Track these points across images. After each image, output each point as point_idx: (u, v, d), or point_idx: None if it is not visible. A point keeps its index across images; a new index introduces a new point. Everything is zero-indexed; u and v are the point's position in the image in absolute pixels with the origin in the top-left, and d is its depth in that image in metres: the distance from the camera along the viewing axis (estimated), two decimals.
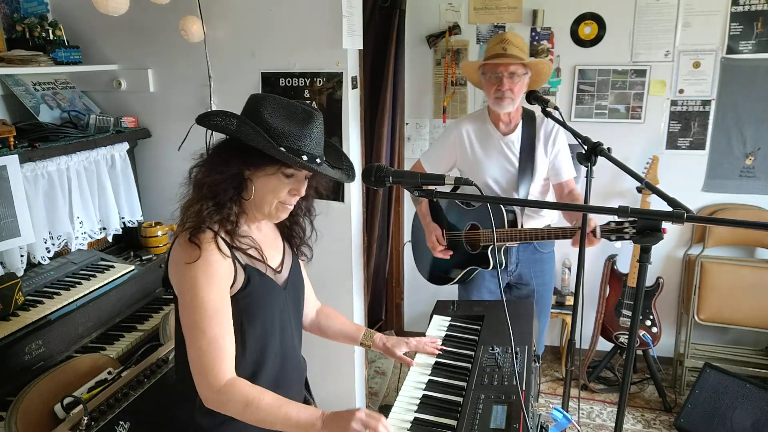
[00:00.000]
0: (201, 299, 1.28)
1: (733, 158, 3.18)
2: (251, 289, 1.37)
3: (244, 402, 1.27)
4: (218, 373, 1.28)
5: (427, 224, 2.49)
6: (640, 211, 1.18)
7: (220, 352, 1.29)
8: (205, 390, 1.29)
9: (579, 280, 1.91)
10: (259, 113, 1.29)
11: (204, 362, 1.28)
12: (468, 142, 2.41)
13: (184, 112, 2.70)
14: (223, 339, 1.30)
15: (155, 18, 2.56)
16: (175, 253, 1.34)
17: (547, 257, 2.51)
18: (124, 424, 1.64)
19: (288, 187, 1.35)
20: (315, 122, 1.32)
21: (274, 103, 1.31)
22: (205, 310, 1.28)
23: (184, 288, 1.31)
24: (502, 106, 2.27)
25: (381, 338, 1.72)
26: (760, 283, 3.03)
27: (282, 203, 1.37)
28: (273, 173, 1.32)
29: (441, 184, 1.33)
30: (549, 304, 2.64)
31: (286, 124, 1.29)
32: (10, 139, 2.09)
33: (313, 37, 2.43)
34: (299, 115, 1.31)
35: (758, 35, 3.01)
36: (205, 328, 1.28)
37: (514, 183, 2.36)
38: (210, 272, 1.29)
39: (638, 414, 3.10)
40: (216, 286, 1.30)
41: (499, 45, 2.26)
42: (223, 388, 1.28)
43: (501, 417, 1.38)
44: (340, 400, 2.78)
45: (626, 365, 1.31)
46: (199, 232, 1.30)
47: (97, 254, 2.50)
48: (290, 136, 1.29)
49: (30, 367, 1.92)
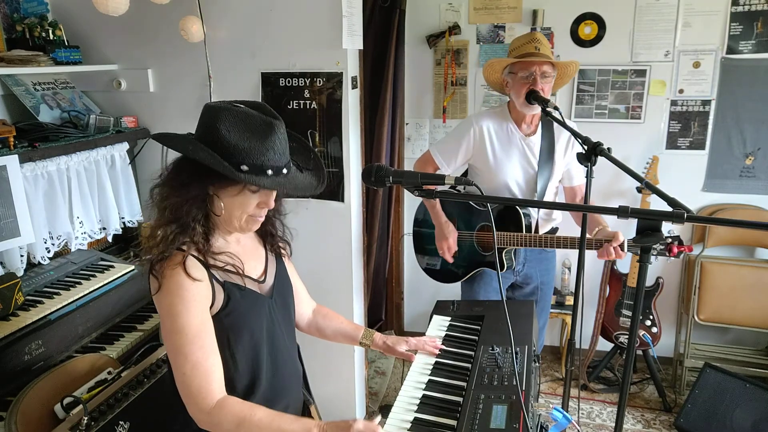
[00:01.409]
0: (180, 325, 1.26)
1: (733, 158, 3.18)
2: (233, 306, 1.35)
3: (236, 421, 1.25)
4: (206, 396, 1.27)
5: (443, 224, 2.41)
6: (640, 211, 1.17)
7: (205, 375, 1.27)
8: (195, 413, 1.28)
9: (579, 280, 1.91)
10: (216, 129, 1.23)
11: (191, 387, 1.26)
12: (489, 140, 2.32)
13: (184, 112, 2.70)
14: (207, 361, 1.28)
15: (155, 18, 2.56)
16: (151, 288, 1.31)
17: (551, 256, 2.53)
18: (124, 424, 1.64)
19: (256, 200, 1.32)
20: (276, 133, 1.26)
21: (232, 117, 1.24)
22: (186, 335, 1.25)
23: (163, 314, 1.29)
24: (532, 107, 2.19)
25: (381, 337, 1.72)
26: (760, 283, 3.03)
27: (251, 216, 1.34)
28: (239, 190, 1.29)
29: (441, 184, 1.32)
30: (550, 302, 2.65)
31: (246, 139, 1.23)
32: (10, 139, 2.09)
33: (313, 37, 2.43)
34: (259, 128, 1.25)
35: (758, 35, 3.01)
36: (187, 353, 1.26)
37: (533, 184, 2.33)
38: (186, 297, 1.26)
39: (638, 414, 3.10)
40: (194, 310, 1.27)
41: (531, 44, 2.20)
42: (213, 410, 1.26)
43: (501, 417, 1.38)
44: (340, 400, 2.78)
45: (626, 365, 1.31)
46: (163, 260, 1.27)
47: (97, 254, 2.49)
48: (251, 151, 1.23)
49: (30, 367, 1.92)
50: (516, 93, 2.23)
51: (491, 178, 2.36)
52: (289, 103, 2.52)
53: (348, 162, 2.52)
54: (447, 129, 3.48)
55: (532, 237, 2.29)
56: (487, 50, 3.36)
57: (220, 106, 1.27)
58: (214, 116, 1.25)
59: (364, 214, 2.76)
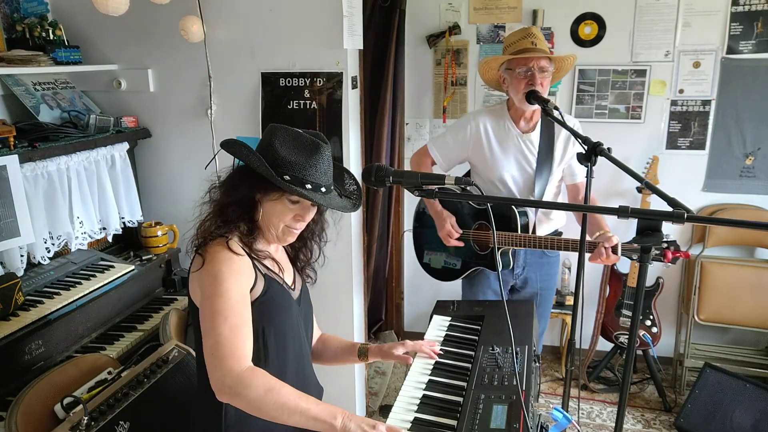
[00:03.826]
0: (225, 288, 1.32)
1: (733, 158, 3.18)
2: (271, 296, 1.42)
3: (265, 387, 1.25)
4: (240, 358, 1.28)
5: (439, 212, 2.38)
6: (640, 211, 1.17)
7: (242, 338, 1.30)
8: (224, 375, 1.25)
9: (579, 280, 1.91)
10: (272, 143, 1.39)
11: (226, 347, 1.27)
12: (485, 137, 2.31)
13: (184, 112, 2.70)
14: (244, 327, 1.32)
15: (155, 18, 2.56)
16: (193, 267, 1.40)
17: (553, 261, 2.48)
18: (124, 424, 1.64)
19: (293, 213, 1.43)
20: (321, 153, 1.40)
21: (286, 134, 1.41)
22: (228, 299, 1.31)
23: (206, 282, 1.35)
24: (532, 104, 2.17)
25: (376, 346, 1.74)
26: (760, 283, 3.03)
27: (288, 227, 1.45)
28: (277, 198, 1.41)
29: (441, 184, 1.32)
30: (549, 309, 2.60)
31: (293, 153, 1.38)
32: (10, 139, 2.09)
33: (313, 37, 2.43)
34: (306, 147, 1.40)
35: (758, 35, 3.01)
36: (228, 315, 1.30)
37: (530, 183, 2.31)
38: (232, 266, 1.35)
39: (638, 414, 3.11)
40: (238, 280, 1.35)
41: (527, 39, 2.18)
42: (245, 372, 1.26)
43: (501, 417, 1.38)
44: (341, 400, 2.78)
45: (626, 365, 1.31)
46: (208, 242, 1.38)
47: (97, 254, 2.49)
48: (295, 165, 1.38)
49: (30, 367, 1.92)
50: (514, 89, 2.21)
51: (488, 175, 2.34)
52: (289, 103, 2.52)
53: (348, 162, 2.52)
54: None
55: (528, 237, 2.26)
56: (487, 50, 3.36)
57: (280, 126, 1.44)
58: (273, 132, 1.41)
59: (364, 214, 2.76)
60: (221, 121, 2.63)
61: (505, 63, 2.24)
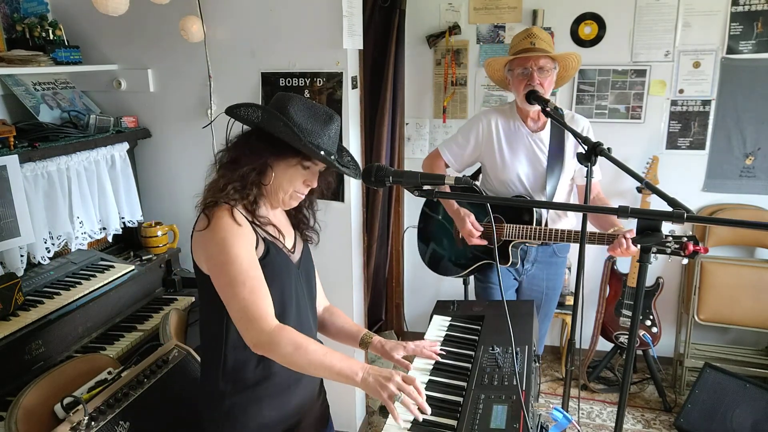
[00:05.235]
0: (235, 254, 1.35)
1: (733, 158, 3.18)
2: (270, 259, 1.45)
3: (295, 344, 1.34)
4: (266, 317, 1.35)
5: (457, 211, 2.35)
6: (640, 211, 1.17)
7: (264, 298, 1.37)
8: (256, 335, 1.34)
9: (579, 280, 1.91)
10: (286, 109, 1.40)
11: (251, 310, 1.34)
12: (496, 135, 2.33)
13: (184, 112, 2.70)
14: (263, 287, 1.38)
15: (155, 18, 2.56)
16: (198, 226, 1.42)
17: (561, 262, 2.49)
18: (124, 424, 1.64)
19: (303, 177, 1.46)
20: (334, 123, 1.44)
21: (300, 103, 1.43)
22: (240, 264, 1.35)
23: (215, 251, 1.37)
24: (533, 104, 2.18)
25: (379, 341, 1.72)
26: (760, 283, 3.03)
27: (296, 192, 1.48)
28: (294, 164, 1.43)
29: (441, 184, 1.32)
30: (554, 309, 2.60)
31: (310, 121, 1.41)
32: (10, 139, 2.09)
33: (313, 37, 2.43)
34: (321, 116, 1.43)
35: (758, 35, 3.01)
36: (244, 279, 1.35)
37: (541, 181, 2.31)
38: (237, 233, 1.38)
39: (638, 414, 3.11)
40: (245, 244, 1.39)
41: (527, 40, 2.20)
42: (275, 330, 1.35)
43: (501, 417, 1.38)
44: (340, 399, 2.77)
45: (626, 365, 1.31)
46: (215, 206, 1.39)
47: (97, 254, 2.50)
48: (312, 132, 1.40)
49: (30, 367, 1.92)
50: (516, 90, 2.24)
51: (499, 174, 2.35)
52: None
53: None
54: (447, 129, 3.48)
55: (537, 230, 2.26)
56: (487, 50, 3.36)
57: (292, 94, 1.46)
58: (286, 100, 1.42)
59: (364, 214, 2.76)
60: (221, 120, 2.63)
61: (507, 64, 2.27)
